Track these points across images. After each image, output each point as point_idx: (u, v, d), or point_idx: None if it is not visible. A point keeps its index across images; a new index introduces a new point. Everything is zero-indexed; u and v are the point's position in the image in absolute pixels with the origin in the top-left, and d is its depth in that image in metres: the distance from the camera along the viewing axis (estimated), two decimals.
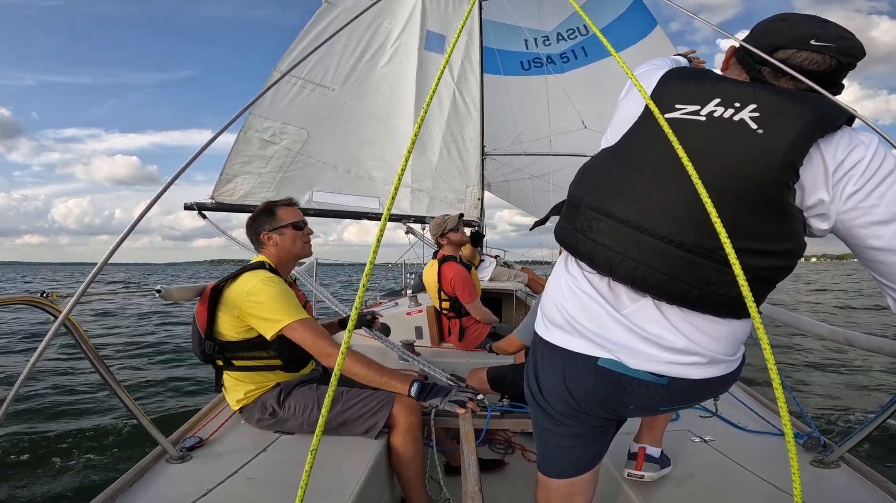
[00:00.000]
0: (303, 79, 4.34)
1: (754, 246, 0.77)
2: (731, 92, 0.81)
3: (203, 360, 1.73)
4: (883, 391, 4.77)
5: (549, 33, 6.08)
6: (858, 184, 0.74)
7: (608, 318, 0.90)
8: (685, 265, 0.81)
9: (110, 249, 1.14)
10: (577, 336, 0.93)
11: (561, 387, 0.96)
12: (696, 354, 0.87)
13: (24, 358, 6.61)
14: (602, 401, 0.94)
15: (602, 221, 0.87)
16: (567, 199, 0.98)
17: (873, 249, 0.75)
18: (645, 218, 0.83)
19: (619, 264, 0.85)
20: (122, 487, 1.31)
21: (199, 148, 1.04)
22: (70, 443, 3.50)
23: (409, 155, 0.80)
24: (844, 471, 1.41)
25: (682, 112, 0.83)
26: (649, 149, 0.84)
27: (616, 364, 0.89)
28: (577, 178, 0.97)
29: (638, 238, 0.84)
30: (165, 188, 1.21)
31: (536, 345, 1.04)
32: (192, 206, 3.83)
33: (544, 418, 1.04)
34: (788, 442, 0.56)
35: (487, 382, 2.06)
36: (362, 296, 0.73)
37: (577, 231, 0.91)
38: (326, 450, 1.52)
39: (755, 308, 0.58)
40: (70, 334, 1.26)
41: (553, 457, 1.06)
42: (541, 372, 1.01)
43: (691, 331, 0.87)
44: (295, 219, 1.85)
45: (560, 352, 0.95)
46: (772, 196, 0.76)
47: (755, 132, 0.76)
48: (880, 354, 1.25)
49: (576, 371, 0.93)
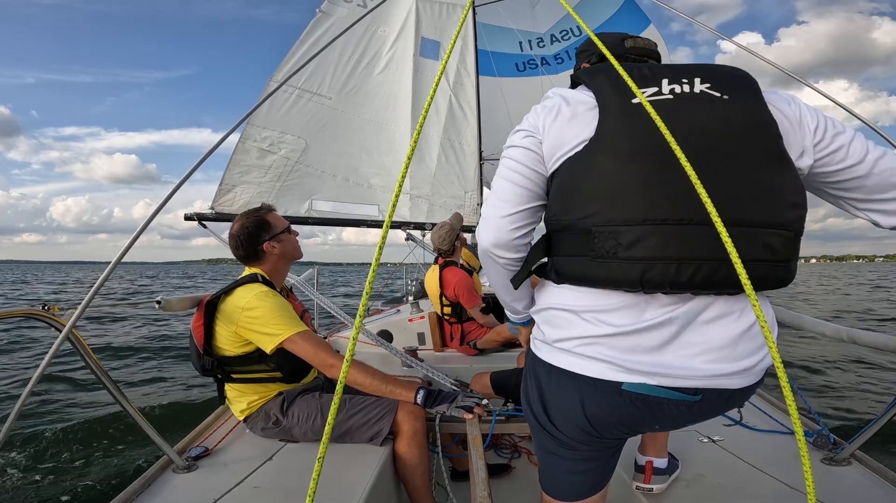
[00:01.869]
0: (300, 88, 4.35)
1: (785, 200, 0.78)
2: (668, 72, 0.84)
3: (203, 375, 1.72)
4: (890, 386, 4.75)
5: (542, 35, 6.12)
6: (815, 121, 0.83)
7: (634, 336, 0.80)
8: (751, 241, 0.75)
9: (113, 262, 1.14)
10: (594, 360, 0.83)
11: (578, 415, 0.87)
12: (743, 358, 0.80)
13: (20, 356, 6.59)
14: (626, 424, 0.88)
15: (634, 231, 0.76)
16: (556, 229, 0.88)
17: (848, 168, 0.82)
18: (688, 209, 0.74)
19: (678, 273, 0.75)
20: (129, 497, 1.31)
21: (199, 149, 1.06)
22: (75, 453, 3.49)
23: (408, 162, 0.80)
24: (856, 468, 1.40)
25: (647, 94, 0.80)
26: (639, 138, 0.78)
27: (643, 387, 0.80)
28: (559, 200, 0.86)
29: (692, 232, 0.75)
30: (167, 200, 1.21)
31: (538, 368, 0.94)
32: (193, 217, 3.83)
33: (553, 444, 0.96)
34: (799, 440, 0.55)
35: (491, 387, 2.05)
36: (366, 303, 0.73)
37: (602, 258, 0.79)
38: (332, 457, 1.51)
39: (743, 272, 0.62)
40: (73, 346, 1.25)
41: (562, 481, 0.98)
42: (550, 398, 0.92)
43: (741, 331, 0.80)
44: (284, 224, 1.84)
45: (575, 378, 0.85)
46: (777, 150, 0.79)
47: (722, 99, 0.80)
48: (884, 351, 1.25)
49: (596, 398, 0.84)
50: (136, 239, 1.22)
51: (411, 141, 0.82)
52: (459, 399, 1.67)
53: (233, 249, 1.79)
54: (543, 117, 0.88)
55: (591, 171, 0.81)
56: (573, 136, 0.84)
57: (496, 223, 0.92)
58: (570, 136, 0.84)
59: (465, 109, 5.22)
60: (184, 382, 5.62)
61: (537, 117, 0.89)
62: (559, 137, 0.85)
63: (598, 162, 0.80)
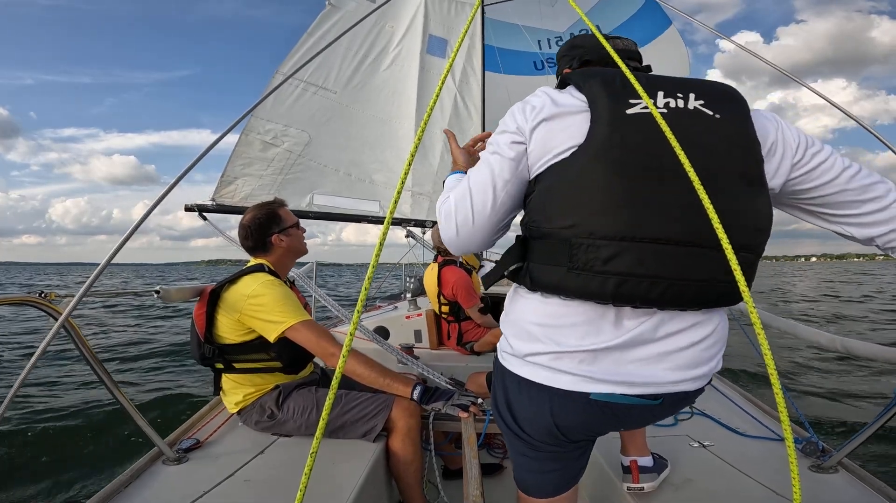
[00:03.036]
0: (305, 81, 4.34)
1: (755, 224, 0.81)
2: (665, 84, 0.83)
3: (202, 363, 1.72)
4: (880, 395, 4.76)
5: (561, 34, 6.07)
6: (796, 140, 0.86)
7: (601, 351, 0.83)
8: (715, 264, 0.76)
9: (112, 252, 1.14)
10: (564, 373, 0.85)
11: (548, 422, 0.91)
12: (700, 365, 0.86)
13: (14, 351, 6.61)
14: (593, 429, 0.94)
15: (614, 247, 0.77)
16: (534, 236, 0.86)
17: (825, 184, 0.85)
18: (669, 228, 0.76)
19: (649, 290, 0.77)
20: (117, 489, 1.31)
21: (199, 148, 1.05)
22: (65, 444, 3.49)
23: (411, 159, 0.81)
24: (843, 475, 1.41)
25: (640, 107, 0.79)
26: (631, 151, 0.77)
27: (611, 396, 0.84)
28: (541, 206, 0.84)
29: (669, 253, 0.76)
30: (167, 192, 1.22)
31: (506, 379, 0.95)
32: (193, 208, 3.83)
33: (523, 446, 0.99)
34: (789, 447, 0.56)
35: (486, 386, 2.06)
36: (364, 299, 0.73)
37: (578, 270, 0.79)
38: (325, 452, 1.51)
39: (748, 295, 0.64)
40: (68, 335, 1.26)
41: (533, 480, 1.03)
42: (516, 405, 0.94)
43: (699, 342, 0.85)
44: (294, 219, 1.89)
45: (545, 389, 0.87)
46: (756, 172, 0.81)
47: (714, 118, 0.81)
48: (878, 362, 1.25)
49: (565, 407, 0.88)
50: (137, 228, 1.22)
51: (415, 138, 0.82)
52: (455, 397, 1.67)
53: (241, 239, 1.84)
54: (531, 119, 0.85)
55: (577, 180, 0.79)
56: (561, 141, 0.82)
57: (469, 236, 0.90)
58: (557, 141, 0.82)
59: (470, 108, 5.21)
60: (178, 375, 5.63)
61: (524, 119, 0.86)
62: (546, 142, 0.83)
63: (585, 171, 0.78)
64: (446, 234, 0.92)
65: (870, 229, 0.86)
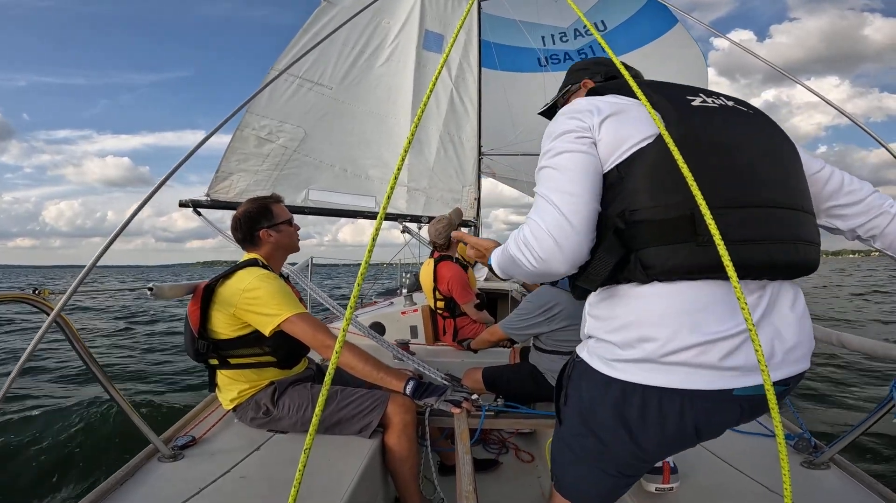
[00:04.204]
0: (300, 77, 4.32)
1: (809, 194, 0.89)
2: (697, 90, 0.90)
3: (196, 360, 1.72)
4: (873, 392, 4.81)
5: (566, 29, 6.03)
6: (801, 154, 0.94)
7: (737, 335, 0.76)
8: (811, 227, 0.85)
9: (102, 247, 1.14)
10: (707, 369, 0.77)
11: (685, 433, 0.82)
12: (810, 340, 0.85)
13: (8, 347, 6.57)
14: (724, 428, 0.88)
15: (738, 214, 0.77)
16: (639, 219, 0.78)
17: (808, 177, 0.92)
18: (777, 193, 0.81)
19: (776, 253, 0.78)
20: (112, 486, 1.31)
21: (193, 146, 1.04)
22: (60, 441, 3.47)
23: (405, 154, 0.80)
24: (834, 472, 1.42)
25: (696, 102, 0.86)
26: (717, 131, 0.82)
27: (754, 388, 0.77)
28: (645, 192, 0.78)
29: (783, 216, 0.80)
30: (159, 186, 1.21)
31: (617, 391, 0.83)
32: (188, 203, 3.81)
33: (621, 465, 0.90)
34: (780, 443, 0.56)
35: (482, 382, 2.06)
36: (357, 294, 0.73)
37: (708, 244, 0.72)
38: (320, 449, 1.51)
39: (729, 263, 0.67)
40: (62, 331, 1.25)
41: (600, 492, 0.95)
42: (643, 426, 0.82)
43: (805, 315, 0.85)
44: (288, 215, 1.89)
45: (680, 395, 0.78)
46: (796, 152, 0.90)
47: (749, 113, 0.89)
48: (872, 356, 1.26)
49: (706, 411, 0.80)
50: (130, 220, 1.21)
51: (409, 133, 0.82)
52: (448, 393, 1.67)
53: (232, 231, 1.86)
54: (595, 116, 0.83)
55: (670, 162, 0.74)
56: (632, 132, 0.81)
57: (575, 253, 0.80)
58: (632, 131, 0.81)
59: (466, 103, 5.20)
60: (172, 372, 5.62)
61: (584, 119, 0.84)
62: (618, 132, 0.82)
63: (680, 151, 0.74)
64: (546, 253, 0.80)
65: (851, 220, 0.96)
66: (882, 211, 0.94)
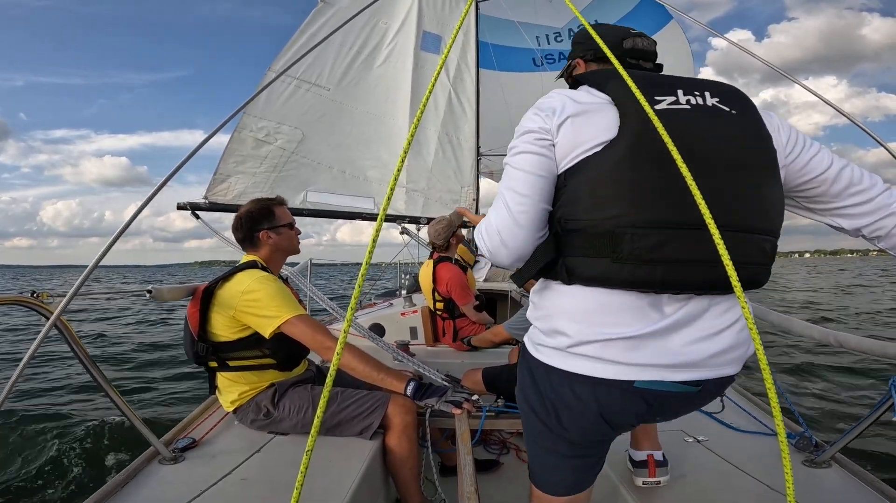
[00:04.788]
0: (298, 78, 4.32)
1: (776, 210, 0.86)
2: (680, 83, 0.87)
3: (196, 362, 1.72)
4: (873, 390, 4.81)
5: (560, 29, 6.04)
6: (787, 134, 0.91)
7: (644, 337, 0.83)
8: (754, 246, 0.83)
9: (101, 251, 1.13)
10: (608, 362, 0.85)
11: (594, 415, 0.89)
12: (737, 348, 0.87)
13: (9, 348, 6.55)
14: (636, 418, 0.92)
15: (660, 234, 0.78)
16: (570, 229, 0.85)
17: (815, 178, 0.90)
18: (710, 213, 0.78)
19: (692, 274, 0.80)
20: (114, 489, 1.30)
21: (192, 149, 1.04)
22: (61, 444, 3.46)
23: (405, 155, 0.80)
24: (836, 470, 1.42)
25: (666, 103, 0.82)
26: (676, 141, 0.77)
27: (655, 383, 0.84)
28: (580, 202, 0.83)
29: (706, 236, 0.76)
30: (157, 189, 1.20)
31: (543, 373, 0.93)
32: (186, 206, 3.80)
33: (560, 443, 0.96)
34: (782, 442, 0.56)
35: (482, 383, 2.06)
36: (358, 296, 0.73)
37: (623, 261, 0.79)
38: (321, 450, 1.51)
39: (734, 273, 0.65)
40: (61, 334, 1.25)
41: (561, 477, 1.01)
42: (561, 402, 0.91)
43: (735, 324, 0.86)
44: (289, 218, 1.89)
45: (589, 381, 0.86)
46: (774, 162, 0.86)
47: (731, 113, 0.85)
48: (870, 356, 1.27)
49: (609, 397, 0.86)
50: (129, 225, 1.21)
51: (408, 134, 0.82)
52: (449, 394, 1.67)
53: (233, 230, 1.86)
54: (556, 117, 0.85)
55: (614, 172, 0.80)
56: (591, 135, 0.82)
57: (519, 247, 0.89)
58: (587, 136, 0.83)
59: (465, 104, 5.20)
60: (172, 376, 5.60)
61: (546, 118, 0.86)
62: (574, 136, 0.83)
63: (622, 163, 0.79)
64: (493, 247, 0.90)
65: (857, 220, 0.92)
66: (891, 211, 0.91)
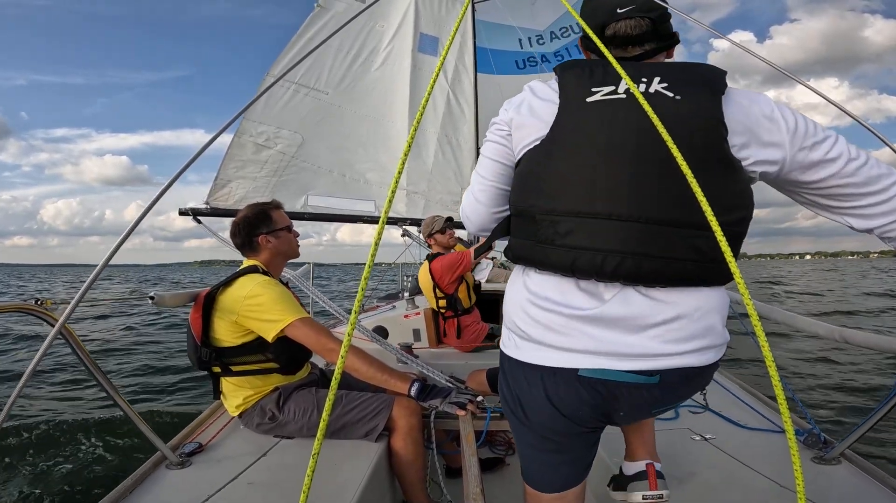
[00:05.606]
0: (296, 83, 4.33)
1: (719, 203, 0.76)
2: (631, 71, 0.84)
3: (199, 368, 1.72)
4: (881, 386, 4.79)
5: (542, 32, 6.07)
6: (794, 126, 0.82)
7: (583, 322, 0.84)
8: (677, 241, 0.79)
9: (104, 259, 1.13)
10: (551, 349, 0.87)
11: (545, 404, 0.91)
12: (695, 338, 0.83)
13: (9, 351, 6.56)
14: (596, 410, 0.90)
15: (570, 222, 0.83)
16: (513, 213, 0.94)
17: (830, 176, 0.82)
18: (619, 205, 0.80)
19: (603, 263, 0.81)
20: (122, 494, 1.30)
21: (193, 148, 1.04)
22: (68, 450, 3.47)
23: (405, 158, 0.80)
24: (846, 467, 1.41)
25: (601, 94, 0.84)
26: (586, 135, 0.83)
27: (599, 371, 0.84)
28: (516, 188, 0.93)
29: (620, 227, 0.80)
30: (157, 198, 1.20)
31: (506, 365, 0.98)
32: (188, 212, 3.81)
33: (529, 435, 1.00)
34: (790, 439, 0.56)
35: (487, 384, 2.06)
36: (361, 299, 0.73)
37: (541, 243, 0.86)
38: (327, 453, 1.51)
39: (737, 270, 0.63)
40: (66, 341, 1.25)
41: (542, 473, 1.02)
42: (518, 390, 0.95)
43: (688, 314, 0.82)
44: (287, 222, 1.88)
45: (537, 370, 0.89)
46: (717, 151, 0.80)
47: (675, 99, 0.82)
48: (877, 351, 1.26)
49: (558, 387, 0.88)
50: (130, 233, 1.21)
51: (408, 137, 0.82)
52: (453, 395, 1.67)
53: (231, 236, 1.85)
54: (513, 111, 0.93)
55: (542, 162, 0.87)
56: (534, 129, 0.89)
57: (478, 220, 1.04)
58: (532, 130, 0.89)
59: (463, 106, 5.21)
60: (177, 379, 5.61)
61: (507, 111, 0.95)
62: (522, 131, 0.91)
63: (548, 155, 0.86)
64: (462, 217, 1.07)
65: (870, 221, 0.84)
66: None
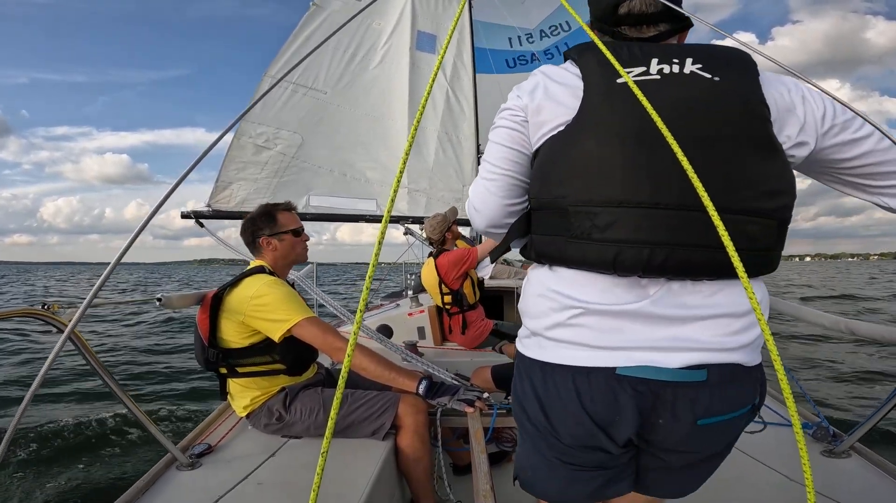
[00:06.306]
0: (294, 83, 4.32)
1: (766, 187, 0.75)
2: (659, 52, 0.81)
3: (206, 369, 1.73)
4: (890, 378, 4.77)
5: (532, 31, 6.06)
6: (822, 108, 0.79)
7: (623, 318, 0.77)
8: (729, 229, 0.70)
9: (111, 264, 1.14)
10: (584, 348, 0.78)
11: (579, 411, 0.79)
12: (741, 332, 0.77)
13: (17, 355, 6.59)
14: (628, 419, 0.78)
15: (611, 213, 0.75)
16: (534, 207, 0.86)
17: (862, 155, 0.79)
18: (666, 192, 0.73)
19: (651, 256, 0.73)
20: (134, 496, 1.31)
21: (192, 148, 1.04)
22: (79, 453, 3.49)
23: (406, 157, 0.80)
24: (856, 460, 1.40)
25: (633, 74, 0.78)
26: (621, 118, 0.76)
27: (640, 369, 0.76)
28: (537, 178, 0.83)
29: (668, 216, 0.73)
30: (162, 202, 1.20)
31: (528, 368, 0.87)
32: (190, 215, 3.82)
33: (551, 449, 0.87)
34: (797, 432, 0.56)
35: (492, 381, 2.06)
36: (366, 298, 0.73)
37: (577, 239, 0.77)
38: (334, 452, 1.52)
39: (739, 264, 0.61)
40: (75, 346, 1.25)
41: (560, 491, 0.90)
42: (545, 397, 0.83)
43: (736, 303, 0.77)
44: (295, 225, 1.85)
45: (567, 371, 0.80)
46: (763, 134, 0.76)
47: (713, 80, 0.77)
48: (882, 343, 1.25)
49: (592, 389, 0.78)
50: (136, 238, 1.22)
51: (409, 135, 0.82)
52: (461, 392, 1.67)
53: (241, 235, 1.86)
54: (527, 97, 0.85)
55: (571, 150, 0.79)
56: (556, 114, 0.81)
57: (489, 213, 0.92)
58: (553, 115, 0.82)
59: (462, 103, 5.20)
60: (185, 380, 5.63)
61: (521, 97, 0.87)
62: (542, 116, 0.83)
63: (578, 141, 0.78)
64: (469, 210, 0.96)
65: None
66: None
